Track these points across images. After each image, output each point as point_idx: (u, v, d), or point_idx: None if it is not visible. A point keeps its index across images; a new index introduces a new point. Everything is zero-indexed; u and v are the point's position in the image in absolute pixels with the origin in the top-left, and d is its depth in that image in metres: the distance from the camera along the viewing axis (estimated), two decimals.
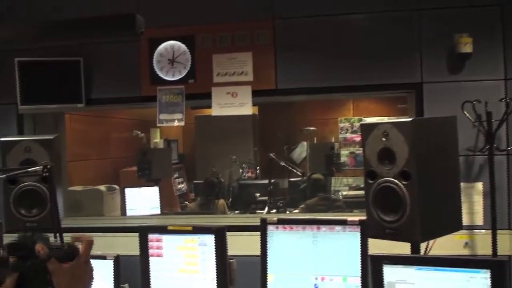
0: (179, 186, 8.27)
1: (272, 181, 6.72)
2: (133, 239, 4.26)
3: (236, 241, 3.09)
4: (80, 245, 1.63)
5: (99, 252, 3.06)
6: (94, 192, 5.71)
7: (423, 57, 4.18)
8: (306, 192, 6.43)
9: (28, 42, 2.72)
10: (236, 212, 6.90)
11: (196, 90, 4.48)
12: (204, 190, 6.47)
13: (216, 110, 4.45)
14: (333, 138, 9.67)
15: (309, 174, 6.64)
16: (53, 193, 3.31)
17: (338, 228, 2.51)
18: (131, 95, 4.55)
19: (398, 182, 2.89)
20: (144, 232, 2.91)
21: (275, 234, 2.60)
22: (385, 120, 3.05)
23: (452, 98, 4.06)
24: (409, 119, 2.92)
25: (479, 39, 4.05)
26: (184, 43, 4.47)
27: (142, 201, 6.39)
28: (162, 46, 4.48)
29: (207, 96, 4.45)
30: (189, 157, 9.99)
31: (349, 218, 2.49)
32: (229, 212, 6.57)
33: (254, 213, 6.75)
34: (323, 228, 2.54)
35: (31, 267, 1.49)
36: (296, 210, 6.51)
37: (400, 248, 2.86)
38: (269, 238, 2.62)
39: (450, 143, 3.16)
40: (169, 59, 4.48)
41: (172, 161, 8.00)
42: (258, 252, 2.91)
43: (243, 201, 7.10)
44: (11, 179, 3.59)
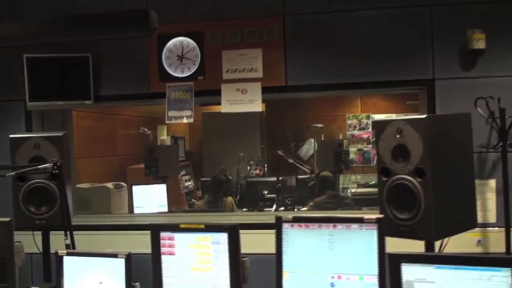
0: (186, 184, 8.26)
1: (280, 179, 6.70)
2: (142, 237, 4.26)
3: (247, 239, 3.06)
4: None
5: (110, 251, 3.05)
6: (102, 190, 5.73)
7: (435, 54, 4.16)
8: (315, 190, 6.39)
9: (39, 39, 2.70)
10: (244, 210, 6.88)
11: (205, 87, 4.47)
12: (212, 188, 6.45)
13: (226, 107, 4.43)
14: (341, 135, 9.63)
15: (318, 172, 6.61)
16: (63, 191, 3.31)
17: (355, 226, 2.49)
18: (140, 92, 4.54)
19: (413, 179, 2.88)
20: (156, 230, 2.90)
21: (290, 232, 2.59)
22: (398, 117, 3.03)
23: (465, 95, 4.04)
24: (424, 116, 2.91)
25: (492, 35, 4.03)
26: (193, 39, 4.45)
27: (150, 199, 6.38)
28: (171, 42, 4.47)
29: (217, 93, 4.44)
30: (196, 154, 9.97)
31: (366, 216, 2.48)
32: (237, 210, 6.54)
33: (262, 211, 6.73)
34: (339, 226, 2.52)
35: None
36: (305, 208, 6.49)
37: (413, 246, 2.84)
38: (284, 236, 2.61)
39: (465, 140, 3.14)
40: (178, 56, 4.46)
41: (179, 159, 7.98)
42: (270, 250, 2.90)
43: (251, 199, 7.07)
44: (20, 176, 3.60)
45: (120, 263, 2.90)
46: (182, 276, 2.85)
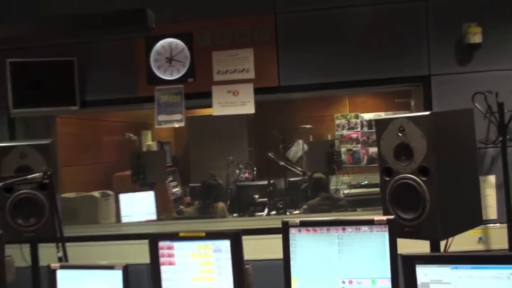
0: (174, 190, 8.19)
1: (271, 182, 6.67)
2: (133, 247, 4.23)
3: (247, 245, 3.02)
4: None
5: (105, 262, 2.99)
6: (88, 199, 5.63)
7: (431, 49, 4.16)
8: (308, 192, 6.37)
9: (29, 42, 2.63)
10: (235, 215, 6.83)
11: (196, 89, 4.43)
12: (202, 194, 6.39)
13: (217, 110, 4.40)
14: (330, 136, 9.64)
15: (310, 174, 6.59)
16: (54, 201, 3.24)
17: (365, 229, 2.46)
18: (128, 96, 4.50)
19: (417, 178, 2.86)
20: (155, 240, 2.84)
21: (298, 237, 2.55)
22: (400, 115, 3.00)
23: (462, 90, 4.05)
24: (427, 113, 2.89)
25: (488, 29, 4.04)
26: (182, 41, 4.42)
27: (138, 207, 6.31)
28: (159, 44, 4.43)
29: (207, 95, 4.40)
30: (182, 160, 9.91)
31: (376, 218, 2.45)
32: (228, 216, 6.49)
33: (254, 216, 6.69)
34: (349, 229, 2.49)
35: None
36: (297, 211, 6.46)
37: (416, 246, 2.82)
38: (292, 242, 2.56)
39: (468, 136, 3.13)
40: (167, 58, 4.43)
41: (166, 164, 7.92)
42: (272, 256, 2.86)
43: (242, 204, 7.03)
44: (7, 188, 3.51)
45: (117, 275, 2.84)
46: (184, 287, 2.80)
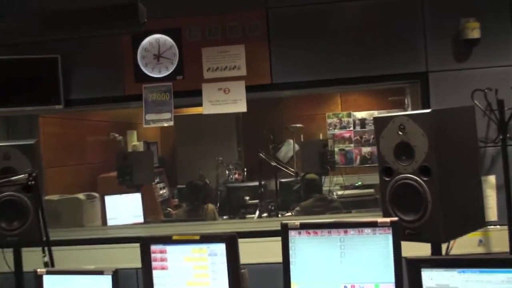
0: (161, 192, 8.14)
1: (262, 183, 6.63)
2: (121, 251, 4.19)
3: (240, 249, 2.99)
4: None
5: (94, 267, 2.94)
6: (73, 201, 5.58)
7: (428, 45, 4.15)
8: (300, 194, 6.35)
9: (10, 38, 2.57)
10: (225, 218, 6.80)
11: (185, 87, 4.40)
12: (189, 195, 6.35)
13: (208, 108, 4.36)
14: (321, 135, 9.61)
15: (303, 174, 6.56)
16: (40, 204, 3.19)
17: (368, 231, 2.43)
18: (114, 94, 4.46)
19: (418, 178, 2.84)
20: (146, 243, 2.79)
21: (298, 240, 2.51)
22: (400, 113, 2.98)
23: (460, 87, 4.04)
24: (428, 111, 2.87)
25: (487, 24, 4.03)
26: (171, 37, 4.39)
27: (124, 209, 6.25)
28: (147, 41, 4.40)
29: (197, 93, 4.37)
30: (169, 161, 9.85)
31: (379, 220, 2.42)
32: (219, 218, 6.46)
33: (244, 218, 6.66)
34: (351, 232, 2.46)
35: None
36: (289, 213, 6.44)
37: (416, 249, 2.80)
38: (291, 245, 2.53)
39: (469, 135, 3.12)
40: (155, 55, 4.39)
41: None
42: (268, 259, 2.83)
43: (232, 206, 7.00)
44: None
45: (107, 281, 2.80)
46: None
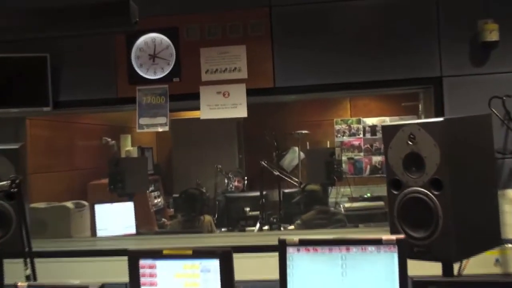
0: (156, 201, 8.14)
1: (264, 193, 6.63)
2: (109, 264, 4.19)
3: (237, 264, 2.99)
4: None
5: (78, 282, 2.93)
6: (60, 210, 5.60)
7: (442, 47, 4.16)
8: (300, 206, 6.33)
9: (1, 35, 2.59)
10: (223, 230, 6.79)
11: (182, 90, 4.42)
12: (185, 205, 6.34)
13: (205, 113, 4.38)
14: (329, 142, 9.60)
15: (303, 185, 6.55)
16: (23, 212, 3.20)
17: (371, 249, 2.43)
18: (106, 97, 4.48)
19: (428, 192, 2.83)
20: (135, 257, 2.79)
21: (296, 257, 2.51)
22: (410, 121, 2.97)
23: (477, 94, 4.05)
24: (440, 119, 2.86)
25: (506, 25, 4.05)
26: (167, 36, 4.41)
27: (115, 219, 6.25)
28: (142, 40, 4.43)
29: (195, 97, 4.39)
30: (165, 168, 9.86)
31: (384, 237, 2.41)
32: (216, 230, 6.46)
33: (244, 231, 6.65)
34: (354, 249, 2.46)
35: None
36: (292, 227, 6.43)
37: (426, 269, 2.79)
38: (289, 263, 2.53)
39: (486, 146, 3.11)
40: (150, 55, 4.42)
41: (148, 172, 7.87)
42: (265, 277, 2.82)
43: (231, 217, 7.00)
44: None
45: None
46: None
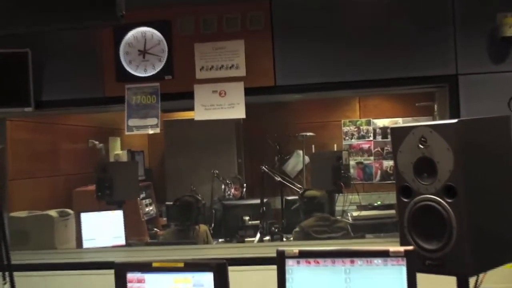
0: (147, 209, 8.16)
1: (265, 201, 6.63)
2: (96, 278, 4.20)
3: (233, 278, 3.00)
4: None
5: None
6: (43, 219, 5.63)
7: (458, 43, 4.17)
8: (300, 213, 6.32)
9: None
10: (220, 241, 6.80)
11: (174, 89, 4.44)
12: (179, 214, 6.35)
13: (200, 114, 4.39)
14: (336, 145, 9.62)
15: (302, 191, 6.53)
16: (2, 221, 3.22)
17: (378, 261, 2.44)
18: (92, 96, 4.50)
19: (441, 200, 2.83)
20: (122, 270, 2.80)
21: (296, 271, 2.52)
22: (421, 123, 2.98)
23: (495, 93, 4.06)
24: (454, 121, 2.85)
25: None
26: (159, 30, 4.42)
27: (103, 229, 6.28)
28: (131, 34, 4.44)
29: (189, 96, 4.40)
30: (157, 173, 9.88)
31: (392, 249, 2.42)
32: (213, 241, 6.47)
33: (243, 242, 6.66)
34: (358, 262, 2.47)
35: None
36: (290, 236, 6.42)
37: (439, 283, 2.80)
38: (289, 276, 2.53)
39: (505, 150, 3.10)
40: (140, 50, 4.43)
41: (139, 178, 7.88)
42: None
43: (228, 227, 7.01)
44: None
45: None
46: None
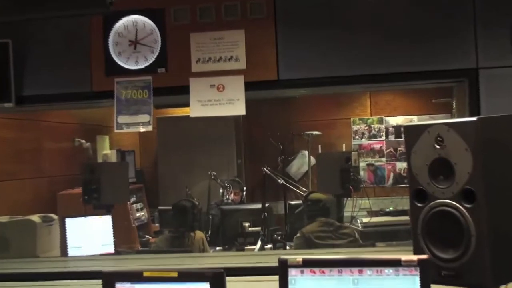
0: (138, 214, 8.18)
1: (267, 206, 6.64)
2: None
3: None
4: None
5: None
6: (25, 224, 5.63)
7: (479, 35, 4.17)
8: (303, 218, 6.33)
9: None
10: (218, 249, 6.81)
11: (168, 83, 4.45)
12: (174, 219, 6.38)
13: (196, 110, 4.39)
14: (345, 145, 9.61)
15: (306, 194, 6.54)
16: None
17: (389, 271, 2.44)
18: (79, 91, 4.50)
19: (459, 205, 2.84)
20: (110, 281, 2.81)
21: (300, 281, 2.52)
22: (438, 121, 2.98)
23: None
24: (473, 119, 2.86)
25: None
26: (151, 19, 4.43)
27: (90, 236, 6.30)
28: (121, 23, 4.45)
29: (184, 91, 4.41)
30: (149, 175, 9.90)
31: (404, 258, 2.42)
32: (209, 249, 6.48)
33: (242, 250, 6.67)
34: (368, 271, 2.47)
35: None
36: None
37: None
38: (291, 287, 2.54)
39: None
40: (131, 41, 4.44)
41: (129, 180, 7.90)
42: None
43: (227, 233, 7.02)
44: None
45: None
46: None
